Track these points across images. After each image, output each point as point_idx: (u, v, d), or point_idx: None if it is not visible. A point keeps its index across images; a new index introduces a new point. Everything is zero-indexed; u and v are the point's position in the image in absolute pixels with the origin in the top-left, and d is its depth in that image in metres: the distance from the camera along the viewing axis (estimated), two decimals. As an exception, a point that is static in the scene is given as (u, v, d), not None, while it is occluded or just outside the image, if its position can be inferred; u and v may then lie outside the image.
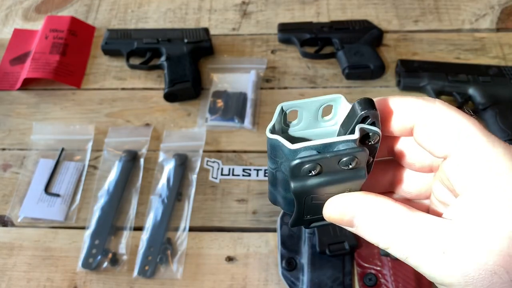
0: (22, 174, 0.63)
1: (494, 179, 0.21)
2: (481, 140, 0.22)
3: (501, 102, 0.61)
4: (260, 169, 0.61)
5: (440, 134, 0.23)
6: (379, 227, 0.23)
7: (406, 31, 0.74)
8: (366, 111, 0.22)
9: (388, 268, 0.51)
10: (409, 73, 0.65)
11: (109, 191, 0.59)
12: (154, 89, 0.70)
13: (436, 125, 0.23)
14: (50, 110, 0.69)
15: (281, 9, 0.78)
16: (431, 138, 0.23)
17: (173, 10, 0.80)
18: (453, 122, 0.23)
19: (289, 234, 0.54)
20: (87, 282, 0.54)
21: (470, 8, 0.75)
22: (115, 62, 0.74)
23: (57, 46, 0.74)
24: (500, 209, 0.20)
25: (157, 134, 0.65)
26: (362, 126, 0.23)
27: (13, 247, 0.57)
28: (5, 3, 0.84)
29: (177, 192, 0.59)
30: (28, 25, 0.81)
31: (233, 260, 0.55)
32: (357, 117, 0.23)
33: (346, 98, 0.25)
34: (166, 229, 0.56)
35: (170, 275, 0.53)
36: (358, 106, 0.23)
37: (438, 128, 0.23)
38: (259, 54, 0.73)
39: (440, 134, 0.23)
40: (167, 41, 0.71)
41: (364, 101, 0.23)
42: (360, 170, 0.24)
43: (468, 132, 0.22)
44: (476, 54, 0.70)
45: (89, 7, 0.82)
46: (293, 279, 0.51)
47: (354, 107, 0.23)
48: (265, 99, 0.68)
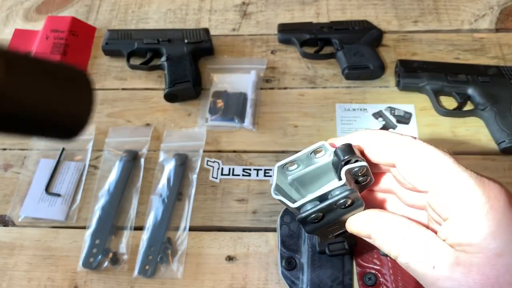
0: (23, 174, 0.63)
1: (469, 209, 0.25)
2: (456, 176, 0.25)
3: (501, 102, 0.61)
4: (260, 169, 0.61)
5: (420, 172, 0.27)
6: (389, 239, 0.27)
7: (405, 31, 0.74)
8: (346, 157, 0.27)
9: (388, 267, 0.51)
10: (408, 73, 0.65)
11: (109, 191, 0.59)
12: (155, 89, 0.71)
13: (415, 164, 0.27)
14: (51, 110, 0.70)
15: (281, 10, 0.78)
16: (412, 176, 0.27)
17: (174, 10, 0.80)
18: (431, 161, 0.26)
19: (289, 233, 0.54)
20: (87, 281, 0.54)
21: (470, 9, 0.75)
22: (116, 63, 0.74)
23: (58, 47, 0.74)
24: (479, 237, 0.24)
25: (157, 134, 0.65)
26: (347, 167, 0.27)
27: (14, 246, 0.57)
28: (6, 3, 0.85)
29: (177, 192, 0.59)
30: (29, 26, 0.81)
31: (233, 259, 0.55)
32: (340, 163, 0.27)
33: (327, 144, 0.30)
34: (167, 229, 0.56)
35: (170, 274, 0.54)
36: (338, 153, 0.27)
37: (418, 167, 0.27)
38: (259, 55, 0.73)
39: (419, 172, 0.27)
40: (167, 42, 0.71)
41: (342, 149, 0.27)
42: (356, 202, 0.28)
43: (445, 169, 0.26)
44: (476, 54, 0.70)
45: (89, 8, 0.82)
46: (293, 278, 0.52)
47: (336, 154, 0.28)
48: (265, 99, 0.68)
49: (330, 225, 0.29)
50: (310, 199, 0.27)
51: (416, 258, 0.26)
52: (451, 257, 0.25)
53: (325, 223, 0.28)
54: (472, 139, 0.62)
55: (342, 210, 0.28)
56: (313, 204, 0.27)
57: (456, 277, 0.24)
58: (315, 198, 0.27)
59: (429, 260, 0.25)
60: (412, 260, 0.26)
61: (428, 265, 0.25)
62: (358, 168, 0.27)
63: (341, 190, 0.27)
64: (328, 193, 0.27)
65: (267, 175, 0.61)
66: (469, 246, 0.24)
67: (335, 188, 0.27)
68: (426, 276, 0.25)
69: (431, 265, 0.25)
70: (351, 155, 0.27)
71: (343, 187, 0.27)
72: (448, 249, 0.25)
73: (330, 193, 0.27)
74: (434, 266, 0.25)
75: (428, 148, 0.27)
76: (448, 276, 0.24)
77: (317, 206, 0.27)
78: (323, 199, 0.27)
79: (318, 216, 0.27)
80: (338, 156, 0.28)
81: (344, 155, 0.27)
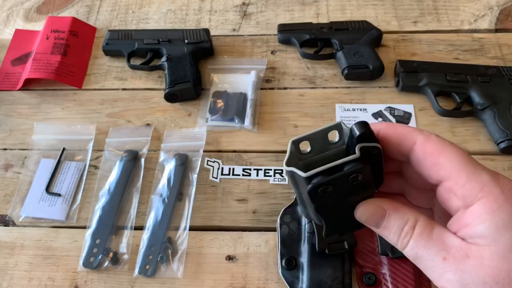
0: (23, 174, 0.63)
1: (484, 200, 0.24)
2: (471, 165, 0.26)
3: (500, 103, 0.61)
4: (260, 169, 0.61)
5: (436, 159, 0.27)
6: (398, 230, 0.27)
7: (405, 31, 0.74)
8: (361, 132, 0.26)
9: (387, 267, 0.51)
10: (408, 73, 0.66)
11: (110, 190, 0.60)
12: (155, 89, 0.71)
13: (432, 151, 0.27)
14: (51, 110, 0.70)
15: (281, 10, 0.79)
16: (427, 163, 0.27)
17: (174, 11, 0.80)
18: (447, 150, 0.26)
19: (289, 233, 0.54)
20: (88, 281, 0.54)
21: (469, 9, 0.76)
22: (116, 63, 0.74)
23: (58, 47, 0.74)
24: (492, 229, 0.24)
25: (157, 134, 0.66)
26: (361, 144, 0.26)
27: (14, 246, 0.58)
28: (7, 3, 0.85)
29: (177, 192, 0.59)
30: (29, 26, 0.81)
31: (233, 259, 0.55)
32: (355, 139, 0.26)
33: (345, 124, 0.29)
34: (167, 229, 0.57)
35: (170, 274, 0.54)
36: (355, 129, 0.27)
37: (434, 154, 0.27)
38: (259, 55, 0.73)
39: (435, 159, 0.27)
40: (167, 42, 0.71)
41: (358, 124, 0.27)
42: (368, 181, 0.27)
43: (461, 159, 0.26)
44: (475, 54, 0.70)
45: (90, 8, 0.83)
46: (292, 278, 0.52)
47: (352, 130, 0.27)
48: (265, 100, 0.68)
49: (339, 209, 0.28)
50: (322, 169, 0.26)
51: (426, 250, 0.25)
52: (462, 250, 0.24)
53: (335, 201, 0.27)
54: (471, 139, 0.62)
55: (353, 189, 0.27)
56: (325, 175, 0.26)
57: (467, 270, 0.24)
58: (327, 169, 0.26)
59: (440, 251, 0.25)
60: (421, 252, 0.26)
61: (438, 256, 0.25)
62: (372, 148, 0.27)
63: (354, 163, 0.26)
64: (340, 166, 0.26)
65: (267, 175, 0.61)
66: (482, 238, 0.24)
67: (348, 160, 0.26)
68: (434, 268, 0.25)
69: (442, 256, 0.25)
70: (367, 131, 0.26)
71: (356, 161, 0.26)
72: (459, 241, 0.25)
73: (342, 166, 0.26)
74: (444, 257, 0.25)
75: (444, 139, 0.27)
76: (459, 268, 0.24)
77: (328, 176, 0.26)
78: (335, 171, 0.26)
79: (328, 189, 0.26)
80: (354, 132, 0.27)
81: (360, 130, 0.26)
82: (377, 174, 0.28)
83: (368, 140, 0.27)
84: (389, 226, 0.27)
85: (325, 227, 0.30)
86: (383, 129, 0.29)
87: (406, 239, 0.26)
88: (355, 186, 0.27)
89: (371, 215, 0.28)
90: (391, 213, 0.27)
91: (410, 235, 0.26)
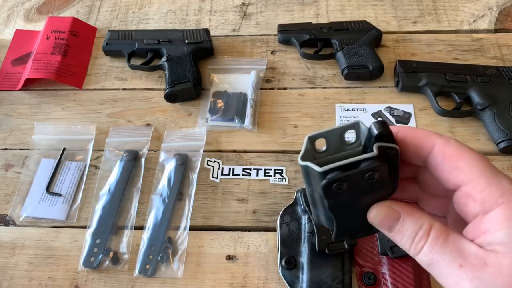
0: (23, 174, 0.63)
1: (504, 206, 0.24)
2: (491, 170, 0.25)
3: (500, 103, 0.61)
4: (260, 169, 0.61)
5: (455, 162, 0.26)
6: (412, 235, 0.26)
7: (404, 32, 0.74)
8: (380, 131, 0.26)
9: (387, 267, 0.51)
10: (407, 73, 0.66)
11: (110, 190, 0.60)
12: (155, 89, 0.71)
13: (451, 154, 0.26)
14: (52, 110, 0.70)
15: (281, 10, 0.79)
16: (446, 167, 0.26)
17: (174, 11, 0.81)
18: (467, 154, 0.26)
19: (289, 233, 0.54)
20: (88, 281, 0.54)
21: (469, 9, 0.76)
22: (116, 63, 0.75)
23: (59, 47, 0.74)
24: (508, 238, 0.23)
25: (158, 134, 0.66)
26: (380, 144, 0.26)
27: (15, 246, 0.58)
28: (7, 4, 0.85)
29: (177, 192, 0.59)
30: (30, 26, 0.81)
31: (233, 259, 0.55)
32: (373, 137, 0.26)
33: (363, 123, 0.28)
34: (167, 228, 0.57)
35: (171, 274, 0.54)
36: (373, 127, 0.26)
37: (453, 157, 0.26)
38: (259, 55, 0.73)
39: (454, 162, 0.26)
40: (168, 42, 0.72)
41: (378, 123, 0.26)
42: (384, 181, 0.26)
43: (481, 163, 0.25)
44: (475, 54, 0.70)
45: (90, 8, 0.83)
46: (292, 277, 0.52)
47: (370, 128, 0.26)
48: (265, 100, 0.68)
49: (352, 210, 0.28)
50: (338, 165, 0.25)
51: (441, 256, 0.25)
52: (480, 257, 0.24)
53: (348, 200, 0.27)
54: (471, 139, 0.62)
55: (368, 189, 0.26)
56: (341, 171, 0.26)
57: (485, 278, 0.23)
58: (343, 166, 0.25)
59: (456, 258, 0.24)
60: (436, 257, 0.25)
61: (455, 263, 0.24)
62: (390, 148, 0.26)
63: (371, 161, 0.25)
64: (357, 163, 0.26)
65: (267, 175, 0.61)
66: (501, 245, 0.23)
67: (365, 158, 0.25)
68: (449, 275, 0.24)
69: (458, 263, 0.24)
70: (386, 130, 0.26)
71: (374, 159, 0.25)
72: (476, 248, 0.24)
73: (359, 163, 0.26)
74: (461, 264, 0.24)
75: (464, 144, 0.27)
76: (476, 276, 0.23)
77: (344, 172, 0.25)
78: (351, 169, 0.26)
79: (343, 186, 0.26)
80: (372, 131, 0.26)
81: (379, 129, 0.26)
82: (393, 177, 0.28)
83: (386, 140, 0.26)
84: (402, 230, 0.27)
85: (336, 229, 0.29)
86: (401, 132, 0.28)
87: (420, 244, 0.26)
88: (371, 185, 0.26)
89: (385, 218, 0.27)
90: (406, 217, 0.27)
91: (425, 240, 0.26)
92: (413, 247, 0.26)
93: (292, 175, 0.61)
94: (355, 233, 0.31)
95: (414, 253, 0.26)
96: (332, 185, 0.25)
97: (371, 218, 0.28)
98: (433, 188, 0.30)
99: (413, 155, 0.28)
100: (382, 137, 0.26)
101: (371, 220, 0.28)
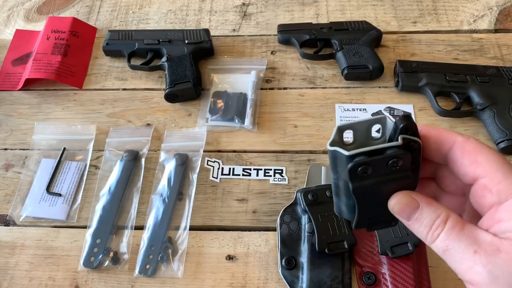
0: (24, 174, 0.63)
1: None
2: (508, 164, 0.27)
3: (499, 103, 0.62)
4: (260, 168, 0.61)
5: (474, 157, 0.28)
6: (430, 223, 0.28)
7: (404, 32, 0.74)
8: (405, 123, 0.27)
9: (387, 267, 0.51)
10: (407, 73, 0.66)
11: (110, 190, 0.60)
12: (155, 89, 0.71)
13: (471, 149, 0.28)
14: (52, 110, 0.70)
15: (281, 10, 0.79)
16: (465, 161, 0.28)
17: (174, 11, 0.81)
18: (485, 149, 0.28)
19: (289, 233, 0.54)
20: (88, 281, 0.54)
21: (469, 9, 0.76)
22: (117, 63, 0.75)
23: (59, 47, 0.74)
24: None
25: (158, 134, 0.66)
26: (404, 135, 0.27)
27: (15, 246, 0.58)
28: (7, 4, 0.85)
29: (178, 192, 0.59)
30: (30, 26, 0.81)
31: (233, 259, 0.55)
32: (399, 129, 0.27)
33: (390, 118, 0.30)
34: (167, 228, 0.57)
35: (171, 273, 0.54)
36: (399, 120, 0.28)
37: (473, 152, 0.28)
38: (259, 55, 0.73)
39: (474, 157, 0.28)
40: (168, 42, 0.72)
41: (404, 117, 0.28)
42: (406, 171, 0.28)
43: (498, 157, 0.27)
44: (474, 55, 0.70)
45: (90, 8, 0.83)
46: (292, 277, 0.52)
47: (396, 122, 0.28)
48: (265, 100, 0.68)
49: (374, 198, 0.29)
50: (364, 150, 0.27)
51: (457, 242, 0.26)
52: (494, 244, 0.25)
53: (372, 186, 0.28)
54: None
55: (390, 176, 0.28)
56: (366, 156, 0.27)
57: (498, 263, 0.25)
58: (369, 151, 0.27)
59: (471, 245, 0.26)
60: (452, 244, 0.26)
61: (469, 249, 0.26)
62: (413, 142, 0.28)
63: (395, 149, 0.27)
64: (382, 150, 0.27)
65: (267, 175, 0.61)
66: None
67: (390, 146, 0.27)
68: (464, 260, 0.26)
69: (472, 250, 0.25)
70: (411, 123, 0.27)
71: (398, 147, 0.27)
72: (491, 236, 0.26)
73: (384, 150, 0.27)
74: (475, 251, 0.25)
75: (482, 143, 0.29)
76: (489, 261, 0.25)
77: (370, 157, 0.27)
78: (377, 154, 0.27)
79: (368, 170, 0.27)
80: (398, 123, 0.28)
81: (405, 121, 0.27)
82: (414, 171, 0.29)
83: (411, 134, 0.28)
84: (421, 218, 0.28)
85: (357, 216, 0.30)
86: (424, 129, 0.30)
87: (437, 232, 0.27)
88: (393, 173, 0.28)
89: (405, 206, 0.29)
90: (424, 206, 0.28)
91: (442, 228, 0.27)
92: (430, 235, 0.28)
93: (292, 175, 0.61)
94: (374, 224, 0.32)
95: (430, 240, 0.28)
96: (358, 168, 0.27)
97: (391, 205, 0.29)
98: (450, 186, 0.31)
99: (434, 151, 0.30)
100: (407, 130, 0.27)
101: (391, 207, 0.29)
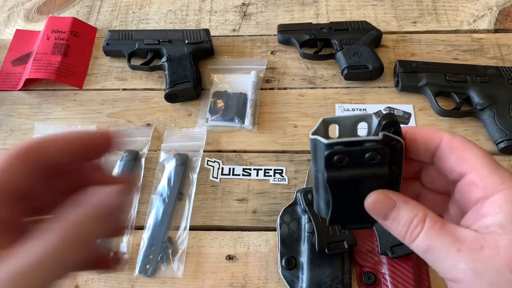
0: (24, 174, 0.63)
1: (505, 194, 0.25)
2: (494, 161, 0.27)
3: (499, 103, 0.62)
4: (260, 168, 0.61)
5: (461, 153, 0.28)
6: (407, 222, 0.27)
7: (404, 32, 0.74)
8: (387, 121, 0.27)
9: (387, 267, 0.51)
10: (407, 73, 0.66)
11: (110, 190, 0.60)
12: (155, 89, 0.71)
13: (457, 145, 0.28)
14: (52, 110, 0.70)
15: (281, 10, 0.79)
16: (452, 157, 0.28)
17: (174, 11, 0.81)
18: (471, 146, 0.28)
19: (289, 233, 0.54)
20: (88, 280, 0.54)
21: (468, 9, 0.76)
22: (117, 63, 0.75)
23: (59, 47, 0.74)
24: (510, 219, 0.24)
25: (158, 134, 0.66)
26: (385, 132, 0.27)
27: (15, 246, 0.58)
28: (7, 4, 0.85)
29: (178, 192, 0.59)
30: (30, 26, 0.81)
31: (233, 258, 0.55)
32: (382, 126, 0.27)
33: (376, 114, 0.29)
34: (167, 228, 0.57)
35: (171, 273, 0.54)
36: (382, 117, 0.27)
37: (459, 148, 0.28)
38: (259, 55, 0.73)
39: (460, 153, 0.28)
40: (168, 42, 0.72)
41: (387, 114, 0.28)
42: (383, 167, 0.27)
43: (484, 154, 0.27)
44: (474, 55, 0.70)
45: (90, 8, 0.83)
46: (292, 277, 0.52)
47: (380, 119, 0.28)
48: (265, 100, 0.68)
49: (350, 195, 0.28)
50: (342, 140, 0.27)
51: (439, 241, 0.25)
52: (477, 241, 0.25)
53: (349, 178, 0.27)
54: (470, 139, 0.62)
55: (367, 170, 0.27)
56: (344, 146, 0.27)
57: (481, 259, 0.24)
58: (348, 142, 0.27)
59: (454, 243, 0.25)
60: (433, 243, 0.26)
61: (452, 248, 0.25)
62: (396, 141, 0.27)
63: (374, 142, 0.26)
64: (361, 142, 0.27)
65: (267, 175, 0.61)
66: (499, 227, 0.24)
67: (369, 139, 0.27)
68: (447, 259, 0.25)
69: (455, 248, 0.25)
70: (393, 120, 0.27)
71: (377, 142, 0.26)
72: (473, 233, 0.25)
73: (363, 143, 0.27)
74: (458, 249, 0.25)
75: (469, 139, 0.29)
76: (473, 258, 0.24)
77: (347, 147, 0.26)
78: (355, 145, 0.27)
79: (344, 160, 0.26)
80: (381, 120, 0.27)
81: (385, 118, 0.27)
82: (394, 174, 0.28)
83: (394, 133, 0.27)
84: (398, 218, 0.27)
85: (331, 212, 0.29)
86: (410, 131, 0.30)
87: (416, 231, 0.26)
88: (371, 169, 0.27)
89: (381, 204, 0.28)
90: (401, 205, 0.27)
91: (421, 227, 0.26)
92: (409, 234, 0.27)
93: (292, 175, 0.61)
94: (349, 223, 0.31)
95: (409, 240, 0.27)
96: (334, 156, 0.26)
97: (367, 204, 0.28)
98: (435, 184, 0.31)
99: (422, 150, 0.29)
100: (390, 127, 0.27)
101: (367, 206, 0.28)
